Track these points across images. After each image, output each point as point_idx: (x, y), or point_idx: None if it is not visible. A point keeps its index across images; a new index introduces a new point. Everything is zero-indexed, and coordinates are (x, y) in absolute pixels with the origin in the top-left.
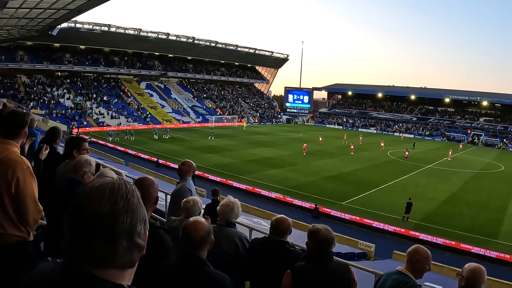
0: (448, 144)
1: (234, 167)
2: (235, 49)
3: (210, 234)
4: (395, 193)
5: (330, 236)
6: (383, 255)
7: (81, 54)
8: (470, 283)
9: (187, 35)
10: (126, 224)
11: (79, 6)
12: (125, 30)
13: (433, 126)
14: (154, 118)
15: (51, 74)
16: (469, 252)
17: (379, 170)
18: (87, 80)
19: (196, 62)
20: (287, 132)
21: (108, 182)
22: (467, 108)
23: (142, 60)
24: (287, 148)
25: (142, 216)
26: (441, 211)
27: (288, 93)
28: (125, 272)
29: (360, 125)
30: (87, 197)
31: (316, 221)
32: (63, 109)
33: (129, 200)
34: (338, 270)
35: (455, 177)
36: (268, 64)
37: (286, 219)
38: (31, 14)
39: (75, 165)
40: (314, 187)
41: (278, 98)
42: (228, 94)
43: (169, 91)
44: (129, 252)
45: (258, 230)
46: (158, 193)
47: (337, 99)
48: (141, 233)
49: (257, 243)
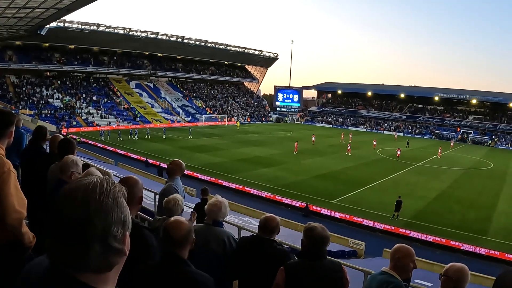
0: (438, 142)
1: (224, 166)
2: (224, 48)
3: (191, 233)
4: (385, 191)
5: (325, 235)
6: (373, 253)
7: (70, 53)
8: (457, 284)
9: (176, 34)
10: (99, 227)
11: (68, 6)
12: (115, 30)
13: (423, 124)
14: (144, 118)
15: (40, 74)
16: (459, 249)
17: (369, 169)
18: (76, 80)
19: (186, 62)
20: (277, 131)
21: (83, 183)
22: (456, 106)
23: (132, 59)
24: (277, 147)
25: (120, 217)
26: (431, 209)
27: (278, 92)
28: (105, 275)
29: (350, 124)
30: (62, 200)
31: (307, 220)
32: (52, 109)
33: (103, 201)
34: (331, 269)
35: (445, 175)
36: (257, 63)
37: (274, 218)
38: (20, 14)
39: (61, 166)
40: (304, 185)
41: (268, 97)
42: (218, 93)
43: (159, 91)
44: (104, 256)
45: (247, 229)
46: (148, 193)
47: (326, 97)
48: (118, 236)
49: (245, 242)
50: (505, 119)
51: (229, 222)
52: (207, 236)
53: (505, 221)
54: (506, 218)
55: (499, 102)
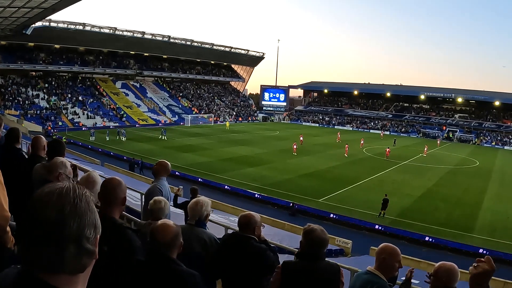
0: (424, 140)
1: (210, 166)
2: (210, 47)
3: (178, 236)
4: (371, 189)
5: (324, 237)
6: (360, 251)
7: (56, 53)
8: (447, 285)
9: (162, 34)
10: (73, 229)
11: (53, 5)
12: (100, 29)
13: (409, 122)
14: (130, 118)
15: (25, 74)
16: (446, 247)
17: (355, 167)
18: (62, 79)
19: (172, 61)
20: (263, 130)
21: (57, 187)
22: (442, 105)
23: (117, 59)
24: (263, 146)
25: (92, 220)
26: (417, 207)
27: (264, 91)
28: (77, 277)
29: (336, 123)
30: (36, 203)
31: (293, 219)
32: (38, 110)
33: (77, 205)
34: (328, 270)
35: (431, 172)
36: (244, 63)
37: (253, 215)
38: (5, 13)
39: (49, 166)
40: (290, 184)
41: (254, 96)
42: (204, 93)
43: (145, 90)
44: (78, 257)
45: (233, 228)
46: (134, 193)
47: (313, 97)
48: (91, 238)
49: (224, 240)
50: (490, 117)
51: (216, 222)
52: (189, 236)
53: (490, 218)
54: (492, 215)
55: (484, 100)
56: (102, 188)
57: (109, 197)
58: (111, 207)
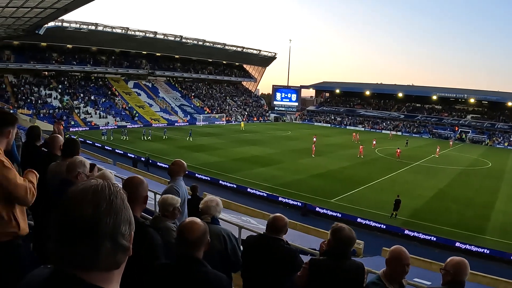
0: (436, 141)
1: (221, 165)
2: (222, 47)
3: (206, 234)
4: (383, 190)
5: (352, 236)
6: (372, 252)
7: (68, 53)
8: (455, 278)
9: (174, 34)
10: (109, 225)
11: (66, 5)
12: (113, 29)
13: (421, 123)
14: (142, 117)
15: (38, 74)
16: (458, 248)
17: (367, 168)
18: (74, 79)
19: (184, 61)
20: (275, 130)
21: (91, 184)
22: (454, 106)
23: (130, 59)
24: (275, 147)
25: (127, 217)
26: (429, 208)
27: (276, 91)
28: (111, 274)
29: (348, 123)
30: (70, 201)
31: (305, 219)
32: (50, 109)
33: (112, 201)
34: (354, 270)
35: (443, 173)
36: (255, 63)
37: (283, 218)
38: (18, 13)
39: (68, 166)
40: (302, 185)
41: (266, 96)
42: (216, 93)
43: (157, 90)
44: (114, 253)
45: (247, 228)
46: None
47: (325, 97)
48: (126, 234)
49: (251, 241)
50: (503, 118)
51: (229, 221)
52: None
53: (503, 220)
54: (504, 217)
55: (497, 101)
56: (124, 187)
57: (131, 196)
58: (133, 205)
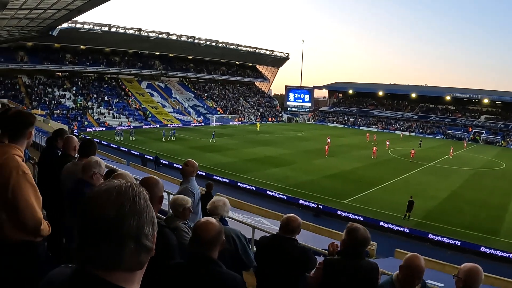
0: (449, 142)
1: (234, 166)
2: (235, 48)
3: (221, 234)
4: (396, 191)
5: (367, 236)
6: (384, 254)
7: (82, 54)
8: (468, 284)
9: (187, 35)
10: (133, 226)
11: (79, 7)
12: (126, 30)
13: (434, 124)
14: (155, 118)
15: (51, 75)
16: (471, 250)
17: (380, 169)
18: (88, 80)
19: (197, 62)
20: (288, 131)
21: (115, 185)
22: (468, 106)
23: (143, 59)
24: (288, 147)
25: (150, 218)
26: (442, 209)
27: (289, 92)
28: (134, 274)
29: (361, 124)
30: (94, 201)
31: (318, 220)
32: (64, 110)
33: (136, 202)
34: (368, 269)
35: (456, 174)
36: (268, 63)
37: (296, 218)
38: (32, 15)
39: (84, 166)
40: (315, 185)
41: (279, 97)
42: (229, 93)
43: (170, 91)
44: (137, 254)
45: (260, 229)
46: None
47: (338, 97)
48: (149, 235)
49: (265, 241)
50: None
51: (242, 222)
52: None
53: None
54: None
55: (511, 101)
56: None
57: None
58: None
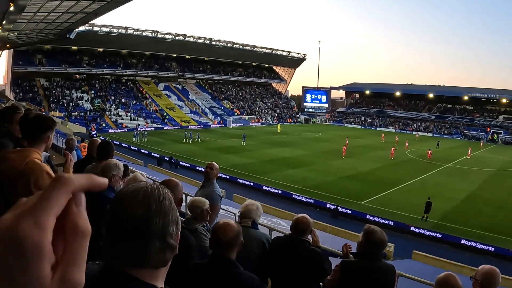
0: (467, 142)
1: (252, 167)
2: (252, 49)
3: (240, 236)
4: (414, 192)
5: (384, 239)
6: (402, 255)
7: (99, 56)
8: (485, 287)
9: (204, 36)
10: (159, 225)
11: (96, 10)
12: (142, 33)
13: (452, 124)
14: (173, 119)
15: (69, 77)
16: (489, 252)
17: (398, 169)
18: (105, 82)
19: (213, 63)
20: (305, 132)
21: (141, 186)
22: (486, 106)
23: (160, 61)
24: (305, 148)
25: (174, 217)
26: (460, 210)
27: (306, 93)
28: (159, 271)
29: (378, 124)
30: (122, 201)
31: (335, 221)
32: (82, 111)
33: (162, 203)
34: (385, 271)
35: (474, 175)
36: (285, 64)
37: (306, 219)
38: (49, 18)
39: (103, 168)
40: (332, 186)
41: (296, 98)
42: (246, 95)
43: (187, 92)
44: (162, 252)
45: (278, 230)
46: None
47: (355, 98)
48: (173, 234)
49: (277, 242)
50: None
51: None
52: (248, 237)
53: None
54: None
55: None
56: None
57: None
58: None
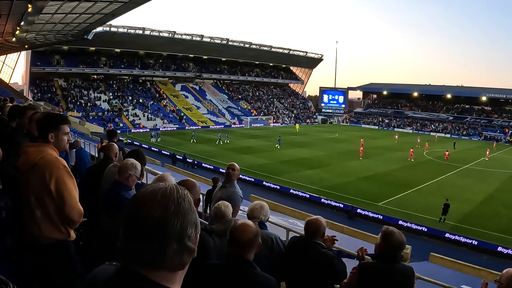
0: (485, 143)
1: (269, 167)
2: (269, 49)
3: (258, 236)
4: (431, 193)
5: (402, 240)
6: (419, 257)
7: (116, 57)
8: None
9: (221, 37)
10: (176, 227)
11: (113, 11)
12: (160, 33)
13: (470, 125)
14: (190, 120)
15: (87, 77)
16: (508, 255)
17: (415, 171)
18: (122, 82)
19: (231, 63)
20: (322, 133)
21: (160, 187)
22: (504, 107)
23: (177, 62)
24: (323, 149)
25: (193, 220)
26: (478, 212)
27: (323, 93)
28: (175, 274)
29: (396, 125)
30: (140, 202)
31: (351, 222)
32: (99, 111)
33: (180, 204)
34: (404, 273)
35: (492, 177)
36: (302, 64)
37: (317, 220)
38: (67, 19)
39: (120, 168)
40: (349, 187)
41: (313, 98)
42: (263, 95)
43: (204, 93)
44: (179, 254)
45: (294, 231)
46: None
47: (372, 98)
48: (192, 237)
49: (291, 243)
50: None
51: (276, 224)
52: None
53: None
54: None
55: None
56: None
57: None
58: None
